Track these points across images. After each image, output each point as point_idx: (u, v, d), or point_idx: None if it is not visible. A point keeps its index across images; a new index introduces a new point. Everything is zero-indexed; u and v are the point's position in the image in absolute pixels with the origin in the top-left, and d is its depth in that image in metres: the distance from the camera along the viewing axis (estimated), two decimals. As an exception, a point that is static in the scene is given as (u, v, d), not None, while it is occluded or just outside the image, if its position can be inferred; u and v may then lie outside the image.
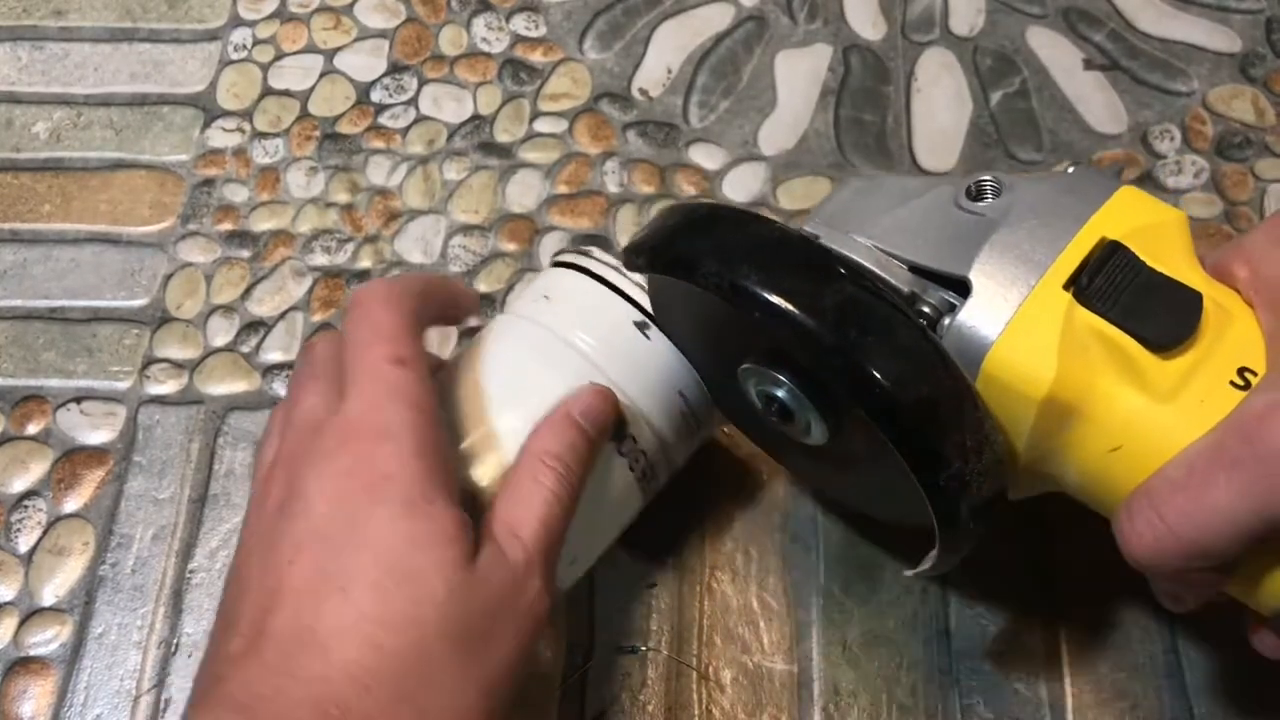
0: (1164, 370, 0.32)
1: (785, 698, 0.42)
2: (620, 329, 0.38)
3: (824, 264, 0.32)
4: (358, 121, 0.55)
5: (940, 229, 0.35)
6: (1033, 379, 0.32)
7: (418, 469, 0.32)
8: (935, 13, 0.58)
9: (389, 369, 0.33)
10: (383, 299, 0.35)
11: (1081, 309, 0.32)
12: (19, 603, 0.44)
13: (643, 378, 0.38)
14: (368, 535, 0.31)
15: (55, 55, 0.57)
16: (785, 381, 0.34)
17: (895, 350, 0.31)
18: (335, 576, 0.30)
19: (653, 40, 0.57)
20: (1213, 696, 0.41)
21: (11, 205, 0.53)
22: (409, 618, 0.30)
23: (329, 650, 0.29)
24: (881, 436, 0.31)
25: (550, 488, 0.34)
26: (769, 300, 0.31)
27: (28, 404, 0.48)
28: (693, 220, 0.34)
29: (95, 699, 0.42)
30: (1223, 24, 0.57)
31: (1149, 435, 0.32)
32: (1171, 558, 0.31)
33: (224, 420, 0.47)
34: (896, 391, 0.30)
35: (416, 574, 0.30)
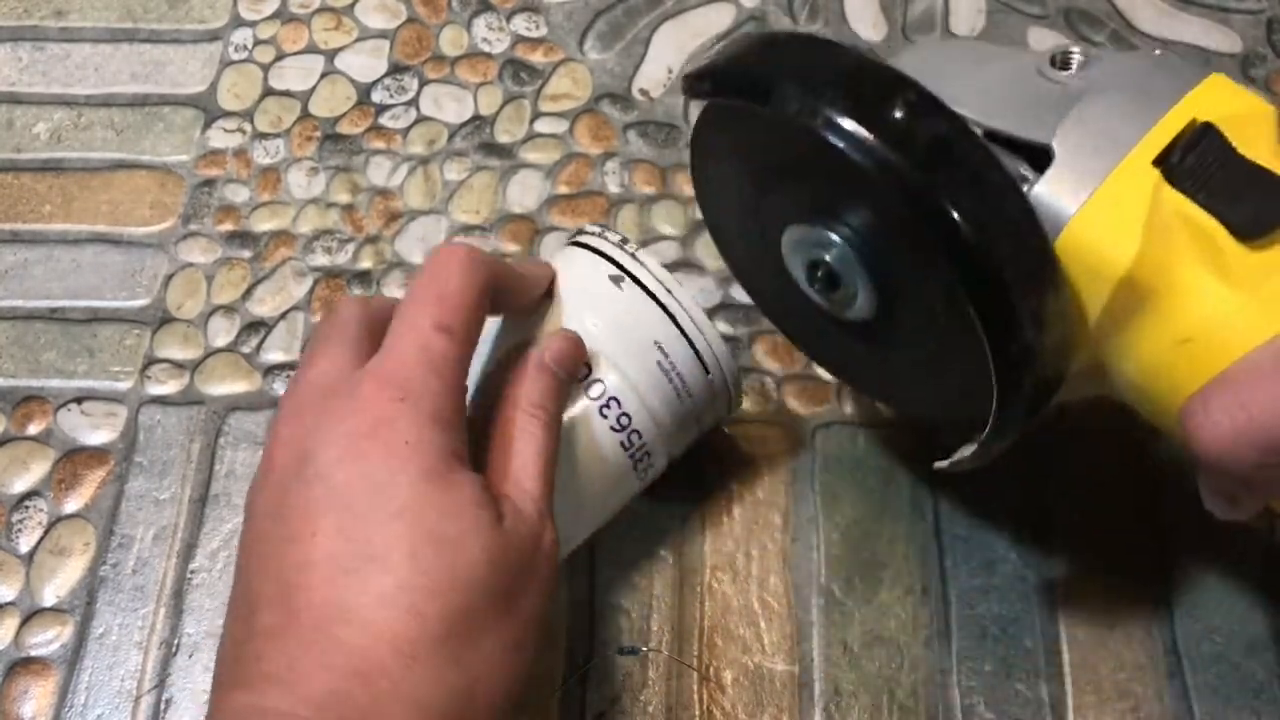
0: (1248, 260, 0.30)
1: (786, 698, 0.42)
2: (592, 276, 0.39)
3: (918, 98, 0.29)
4: (358, 122, 0.55)
5: (1020, 95, 0.33)
6: (1113, 256, 0.30)
7: (437, 440, 0.31)
8: (936, 13, 0.58)
9: (431, 334, 0.33)
10: (459, 262, 0.34)
11: (1169, 188, 0.30)
12: (20, 603, 0.44)
13: (613, 323, 0.38)
14: (396, 504, 0.30)
15: (56, 56, 0.57)
16: (837, 240, 0.32)
17: (985, 198, 0.29)
18: (366, 546, 0.30)
19: (653, 40, 0.57)
20: (1214, 697, 0.41)
21: (12, 206, 0.53)
22: (449, 583, 0.30)
23: (369, 622, 0.29)
24: (941, 303, 0.29)
25: (539, 436, 0.34)
26: (855, 131, 0.28)
27: (28, 404, 0.48)
28: (769, 43, 0.32)
29: (96, 699, 0.42)
30: (1223, 24, 0.57)
31: (1224, 327, 0.30)
32: (1248, 450, 0.29)
33: (225, 420, 0.47)
34: (985, 242, 0.28)
35: (452, 541, 0.30)
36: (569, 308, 0.39)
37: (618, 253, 0.39)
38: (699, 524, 0.45)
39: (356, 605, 0.29)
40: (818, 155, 0.30)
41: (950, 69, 0.35)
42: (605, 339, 0.38)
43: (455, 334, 0.33)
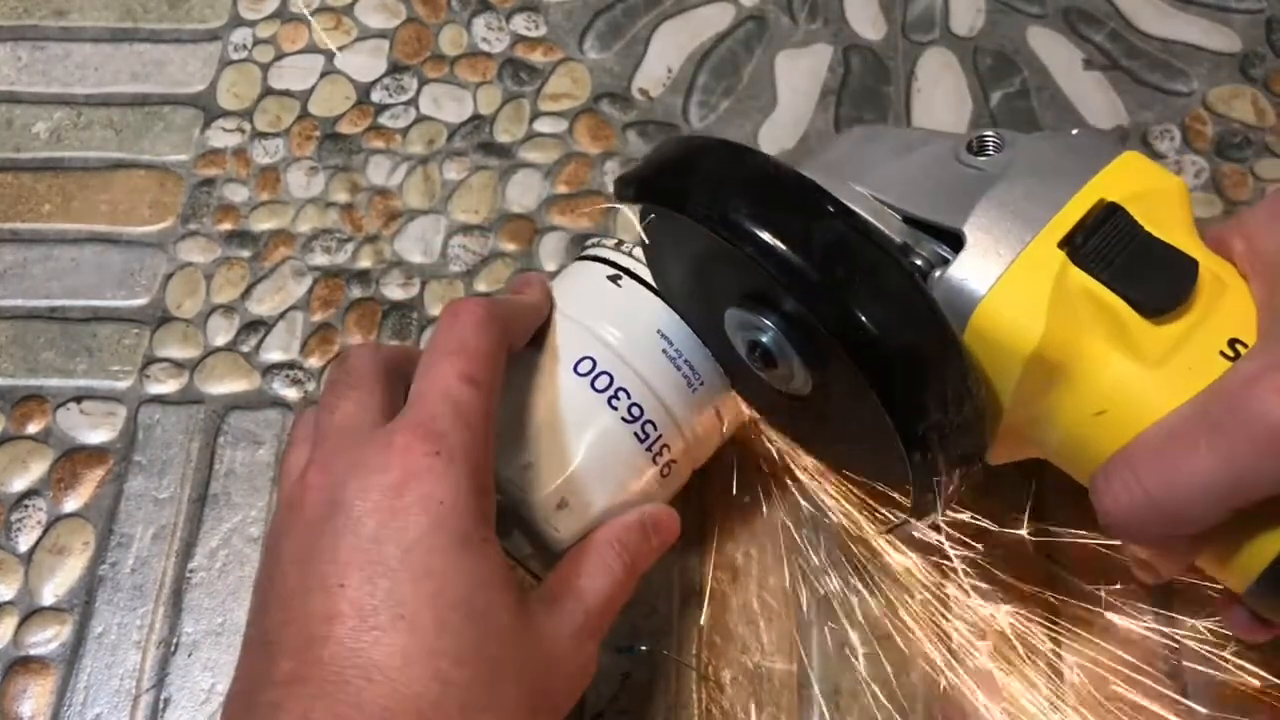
0: (1154, 336, 0.31)
1: (785, 698, 0.42)
2: (591, 279, 0.39)
3: (817, 202, 0.31)
4: (358, 121, 0.55)
5: (938, 181, 0.34)
6: (1021, 335, 0.31)
7: (474, 503, 0.31)
8: (935, 13, 0.58)
9: (459, 385, 0.33)
10: (477, 319, 0.34)
11: (1075, 269, 0.32)
12: (19, 602, 0.44)
13: (614, 319, 0.38)
14: (428, 565, 0.30)
15: (56, 55, 0.57)
16: (769, 325, 0.34)
17: (882, 294, 0.30)
18: (395, 605, 0.29)
19: (653, 40, 0.57)
20: (1214, 697, 0.41)
21: (12, 205, 0.53)
22: (476, 653, 0.30)
23: (393, 681, 0.28)
24: (860, 384, 0.31)
25: (618, 573, 0.35)
26: (757, 235, 0.30)
27: (28, 403, 0.48)
28: (687, 151, 0.34)
29: (95, 698, 0.42)
30: (1223, 24, 0.57)
31: (1135, 400, 0.31)
32: (1147, 523, 0.31)
33: (224, 420, 0.47)
34: (881, 335, 0.30)
35: (482, 611, 0.30)
36: (574, 316, 0.39)
37: (613, 254, 0.40)
38: (699, 524, 0.45)
39: (381, 662, 0.29)
40: (737, 256, 0.31)
41: (875, 157, 0.36)
42: (609, 335, 0.38)
43: (481, 385, 0.33)
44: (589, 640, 0.34)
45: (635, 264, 0.39)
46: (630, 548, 0.36)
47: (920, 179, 0.35)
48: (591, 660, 0.34)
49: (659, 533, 0.37)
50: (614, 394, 0.37)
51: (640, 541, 0.36)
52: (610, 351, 0.38)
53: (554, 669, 0.32)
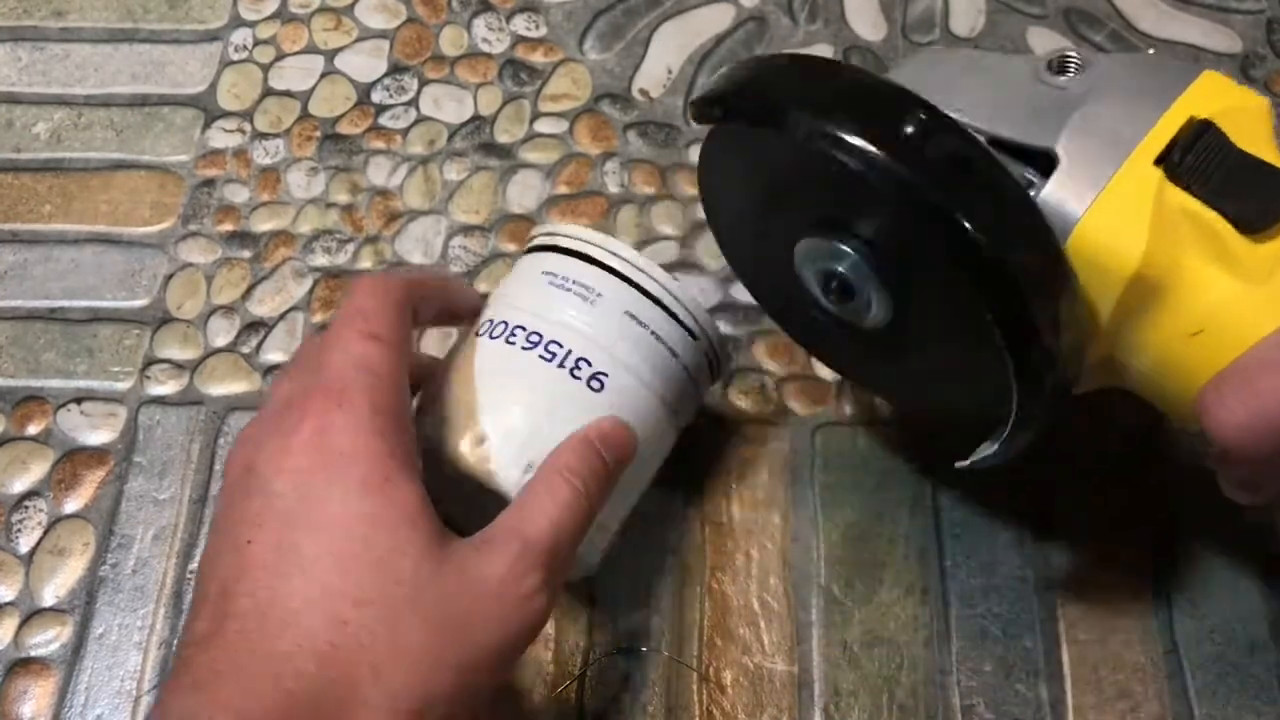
0: (1254, 253, 0.31)
1: (786, 698, 0.42)
2: (531, 276, 0.40)
3: (929, 114, 0.30)
4: (358, 122, 0.55)
5: (1020, 101, 0.34)
6: (1121, 255, 0.31)
7: (376, 447, 0.32)
8: (935, 13, 0.58)
9: (359, 342, 0.33)
10: (369, 286, 0.35)
11: (1172, 186, 0.31)
12: (19, 603, 0.44)
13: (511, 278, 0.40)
14: (327, 515, 0.31)
15: (56, 56, 0.57)
16: (850, 252, 0.33)
17: (1002, 211, 0.29)
18: (295, 554, 0.30)
19: (653, 41, 0.57)
20: (1214, 697, 0.41)
21: (12, 206, 0.53)
22: (375, 594, 0.30)
23: (289, 626, 0.29)
24: (956, 311, 0.30)
25: (566, 498, 0.34)
26: (869, 151, 0.29)
27: (28, 404, 0.48)
28: (777, 66, 0.32)
29: (96, 699, 0.42)
30: (1223, 24, 0.57)
31: (1234, 318, 0.31)
32: (1263, 438, 0.30)
33: (224, 421, 0.47)
34: (1003, 254, 0.29)
35: (381, 553, 0.30)
36: (507, 290, 0.40)
37: (542, 238, 0.41)
38: (699, 524, 0.45)
39: (282, 611, 0.29)
40: (832, 175, 0.30)
41: (951, 78, 0.35)
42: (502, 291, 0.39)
43: (383, 339, 0.34)
44: (529, 574, 0.32)
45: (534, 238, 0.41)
46: (578, 470, 0.35)
47: (1003, 99, 0.34)
48: (534, 595, 0.32)
49: (609, 446, 0.36)
50: (510, 333, 0.38)
51: (589, 460, 0.35)
52: (502, 302, 0.39)
53: (479, 607, 0.31)
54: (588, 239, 0.39)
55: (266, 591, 0.30)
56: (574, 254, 0.39)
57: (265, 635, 0.29)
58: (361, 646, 0.29)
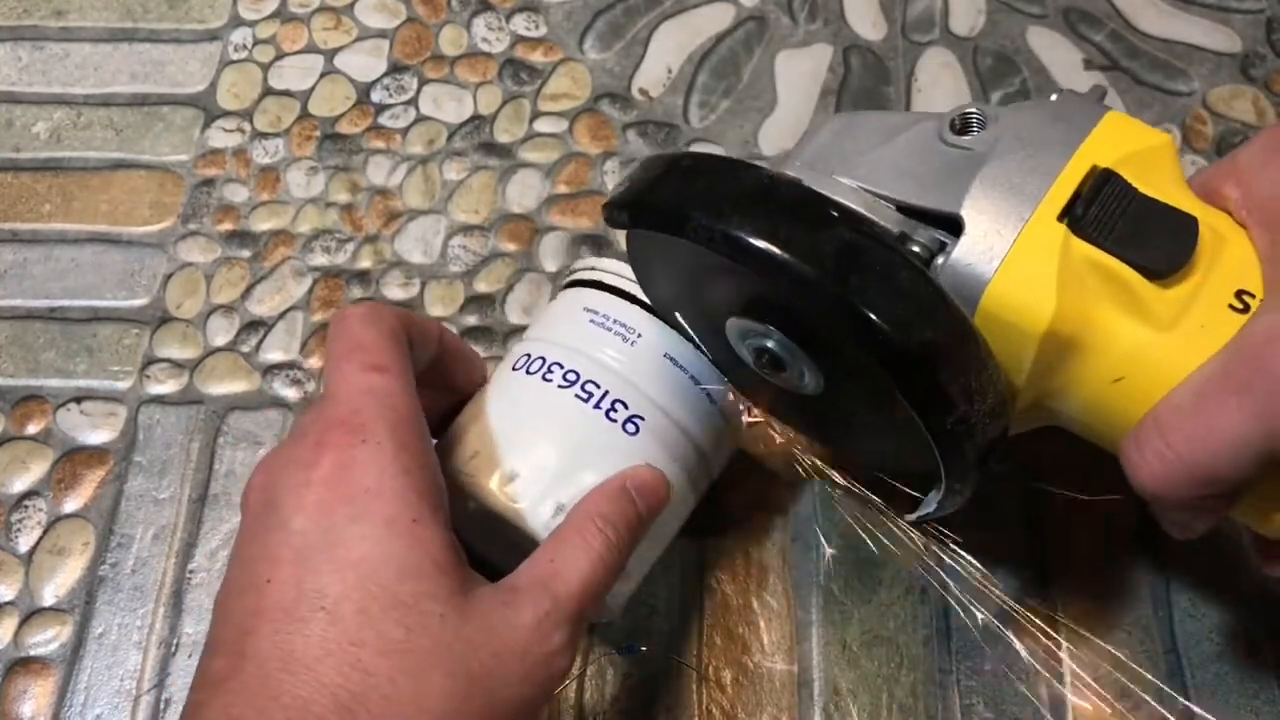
0: (1163, 298, 0.31)
1: (785, 698, 0.42)
2: (571, 312, 0.39)
3: (818, 209, 0.31)
4: (358, 121, 0.55)
5: (927, 165, 0.34)
6: (1032, 313, 0.31)
7: (401, 484, 0.31)
8: (935, 13, 0.58)
9: (366, 375, 0.32)
10: (361, 316, 0.34)
11: (1077, 240, 0.31)
12: (19, 603, 0.44)
13: (544, 314, 0.40)
14: (352, 555, 0.30)
15: (55, 55, 0.57)
16: (775, 332, 0.33)
17: (898, 294, 0.30)
18: (317, 596, 0.29)
19: (653, 40, 0.57)
20: (1214, 697, 0.41)
21: (12, 205, 0.53)
22: (399, 644, 0.29)
23: (312, 672, 0.28)
24: (877, 383, 0.31)
25: (599, 551, 0.33)
26: (765, 251, 0.30)
27: (28, 404, 0.48)
28: (676, 170, 0.33)
29: (95, 699, 0.42)
30: (1223, 24, 0.57)
31: (1151, 364, 0.31)
32: (1182, 485, 0.31)
33: (224, 420, 0.47)
34: (903, 337, 0.29)
35: (406, 602, 0.29)
36: (541, 330, 0.40)
37: (584, 272, 0.40)
38: (699, 524, 0.45)
39: (302, 655, 0.29)
40: (738, 270, 0.31)
41: (861, 146, 0.36)
42: (536, 327, 0.39)
43: (389, 370, 0.33)
44: (556, 631, 0.31)
45: (575, 273, 0.40)
46: (612, 518, 0.34)
47: (909, 164, 0.34)
48: (561, 652, 0.31)
49: (644, 495, 0.36)
50: (547, 370, 0.37)
51: (623, 508, 0.35)
52: (539, 340, 0.39)
53: (504, 663, 0.30)
54: (632, 277, 0.39)
55: (286, 635, 0.29)
56: (617, 292, 0.39)
57: (285, 680, 0.28)
58: (384, 698, 0.28)
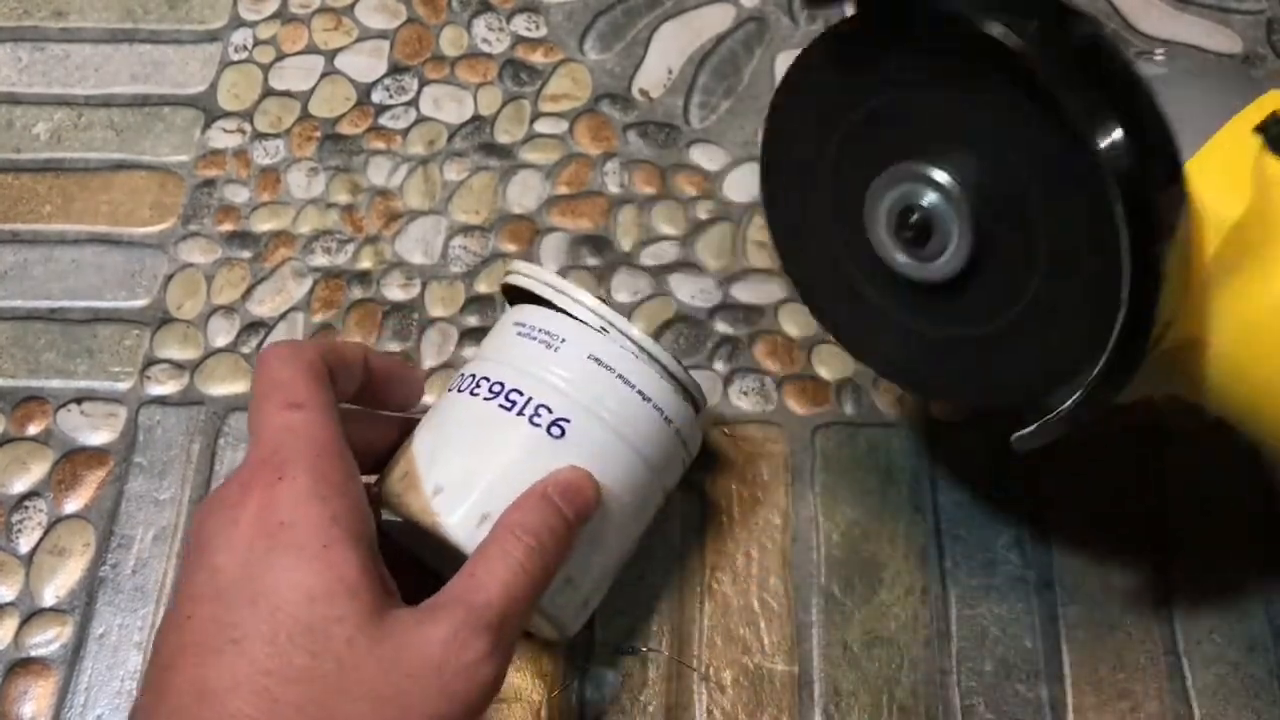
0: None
1: (786, 698, 0.42)
2: (503, 328, 0.39)
3: (1061, 7, 0.29)
4: (358, 122, 0.55)
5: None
6: (1222, 205, 0.31)
7: (316, 514, 0.31)
8: (935, 13, 0.58)
9: (284, 414, 0.33)
10: (279, 355, 0.34)
11: (1272, 156, 0.31)
12: (19, 604, 0.44)
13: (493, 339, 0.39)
14: (262, 586, 0.30)
15: (56, 56, 0.57)
16: (941, 181, 0.31)
17: (1145, 117, 0.28)
18: (229, 629, 0.30)
19: (653, 41, 0.57)
20: (1214, 697, 0.41)
21: (12, 206, 0.53)
22: (305, 671, 0.29)
23: (223, 703, 0.29)
24: (1049, 249, 0.29)
25: (518, 559, 0.33)
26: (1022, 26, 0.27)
27: (28, 405, 0.48)
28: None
29: (96, 700, 0.42)
30: (1223, 24, 0.57)
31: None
32: None
33: (225, 421, 0.47)
34: (1140, 157, 0.28)
35: (313, 627, 0.30)
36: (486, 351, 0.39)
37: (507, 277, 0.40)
38: (699, 524, 0.45)
39: (215, 687, 0.29)
40: (965, 75, 0.29)
41: None
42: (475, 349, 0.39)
43: (306, 406, 0.33)
44: (474, 640, 0.31)
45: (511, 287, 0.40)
46: (531, 526, 0.33)
47: None
48: (480, 663, 0.31)
49: (568, 497, 0.35)
50: (475, 385, 0.37)
51: (544, 514, 0.34)
52: (475, 360, 0.39)
53: (419, 681, 0.30)
54: (552, 284, 0.38)
55: (198, 669, 0.29)
56: (541, 301, 0.39)
57: (198, 712, 0.29)
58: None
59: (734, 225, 0.52)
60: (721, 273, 0.50)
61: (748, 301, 0.50)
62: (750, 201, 0.52)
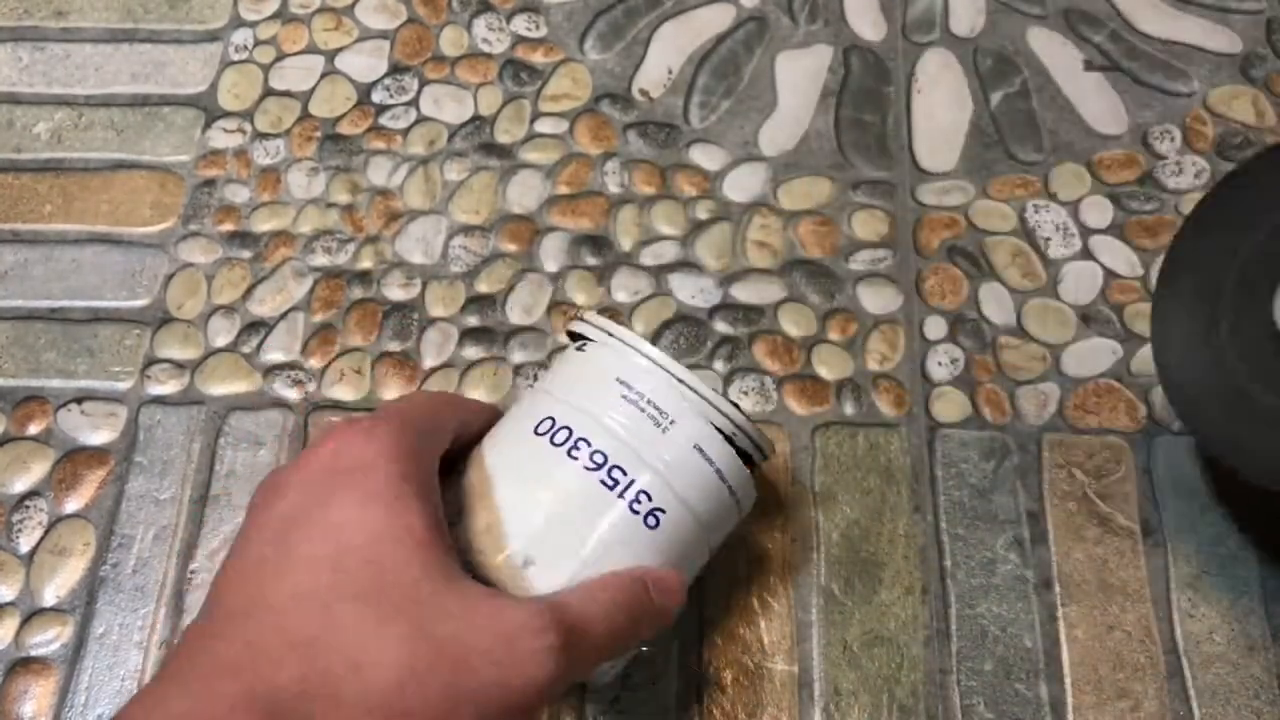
0: None
1: (786, 698, 0.42)
2: (564, 357, 0.38)
3: None
4: (358, 122, 0.55)
5: None
6: None
7: (390, 468, 0.31)
8: (935, 13, 0.58)
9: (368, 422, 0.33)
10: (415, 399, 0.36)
11: None
12: (20, 603, 0.44)
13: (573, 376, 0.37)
14: (331, 519, 0.30)
15: (56, 56, 0.57)
16: None
17: None
18: (291, 553, 0.30)
19: (653, 41, 0.57)
20: (1214, 697, 0.42)
21: (13, 206, 0.53)
22: (365, 589, 0.29)
23: (274, 618, 0.29)
24: None
25: (604, 603, 0.32)
26: None
27: (29, 404, 0.48)
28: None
29: (96, 699, 0.42)
30: (1223, 24, 0.57)
31: None
32: None
33: (225, 420, 0.48)
34: None
35: (380, 560, 0.30)
36: (543, 388, 0.38)
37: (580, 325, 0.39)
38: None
39: (273, 602, 0.29)
40: None
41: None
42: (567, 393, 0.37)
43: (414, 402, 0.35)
44: (551, 631, 0.30)
45: (599, 331, 0.38)
46: (624, 591, 0.33)
47: None
48: (546, 656, 0.30)
49: (660, 591, 0.34)
50: (574, 445, 0.35)
51: (638, 592, 0.34)
52: (568, 405, 0.36)
53: (483, 639, 0.29)
54: (665, 364, 0.37)
55: (257, 588, 0.30)
56: (653, 364, 0.36)
57: (249, 628, 0.29)
58: (343, 642, 0.28)
59: (734, 225, 0.52)
60: (721, 272, 0.50)
61: (747, 301, 0.50)
62: (750, 201, 0.52)
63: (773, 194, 0.53)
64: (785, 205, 0.52)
